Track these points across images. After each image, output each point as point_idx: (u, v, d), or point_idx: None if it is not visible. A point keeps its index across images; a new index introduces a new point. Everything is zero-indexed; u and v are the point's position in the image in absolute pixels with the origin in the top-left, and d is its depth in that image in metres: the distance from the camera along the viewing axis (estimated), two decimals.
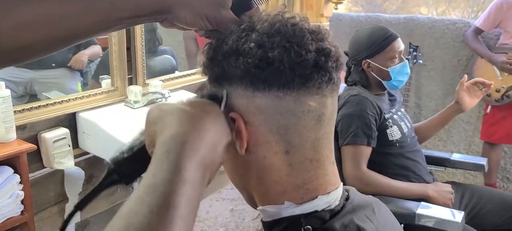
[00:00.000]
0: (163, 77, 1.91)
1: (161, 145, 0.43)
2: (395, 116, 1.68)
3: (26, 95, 1.61)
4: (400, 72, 1.66)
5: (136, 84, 1.79)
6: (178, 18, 0.57)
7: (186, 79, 2.05)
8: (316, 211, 0.55)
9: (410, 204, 1.48)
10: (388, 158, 1.64)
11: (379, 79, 1.67)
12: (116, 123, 1.60)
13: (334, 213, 0.56)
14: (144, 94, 1.75)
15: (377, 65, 1.64)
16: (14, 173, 1.29)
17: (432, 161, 1.83)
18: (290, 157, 0.55)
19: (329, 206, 0.56)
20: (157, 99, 1.76)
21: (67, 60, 1.74)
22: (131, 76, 1.79)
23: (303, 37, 0.53)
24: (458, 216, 1.41)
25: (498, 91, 2.47)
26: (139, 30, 1.76)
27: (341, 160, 1.61)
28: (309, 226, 0.54)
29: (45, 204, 1.60)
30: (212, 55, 0.56)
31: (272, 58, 0.51)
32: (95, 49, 1.89)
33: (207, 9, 0.57)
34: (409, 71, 1.71)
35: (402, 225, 1.49)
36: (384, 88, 1.70)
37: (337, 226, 0.55)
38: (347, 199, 0.60)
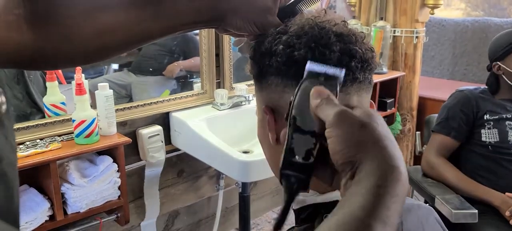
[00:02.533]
0: (248, 82, 2.03)
1: (372, 176, 0.39)
2: (507, 122, 1.62)
3: (127, 96, 1.83)
4: None
5: (224, 88, 1.92)
6: (230, 25, 0.64)
7: None
8: (337, 201, 0.58)
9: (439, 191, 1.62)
10: (475, 157, 1.67)
11: (510, 83, 1.66)
12: (203, 123, 1.74)
13: None
14: (229, 97, 1.87)
15: (506, 68, 1.62)
16: (113, 162, 1.49)
17: None
18: None
19: None
20: (241, 102, 1.87)
21: (163, 68, 1.93)
22: (219, 80, 1.93)
23: (328, 38, 0.57)
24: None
25: None
26: (227, 38, 1.89)
27: None
28: (328, 214, 0.58)
29: (141, 193, 1.80)
30: (253, 55, 0.63)
31: (298, 57, 0.57)
32: (195, 62, 1.96)
33: (255, 15, 0.64)
34: None
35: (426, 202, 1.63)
36: None
37: None
38: None
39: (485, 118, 1.65)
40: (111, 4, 0.60)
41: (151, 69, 1.90)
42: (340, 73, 0.47)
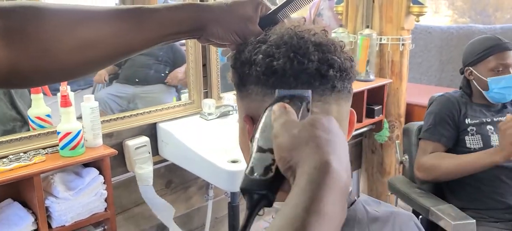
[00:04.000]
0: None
1: (304, 175, 0.41)
2: (488, 126, 1.62)
3: (129, 109, 1.83)
4: (502, 84, 1.61)
5: (211, 97, 1.92)
6: (212, 34, 0.65)
7: None
8: None
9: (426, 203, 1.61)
10: None
11: (479, 88, 1.66)
12: (190, 133, 1.73)
13: None
14: (217, 107, 1.87)
15: (477, 74, 1.63)
16: (99, 174, 1.48)
17: None
18: None
19: None
20: (229, 111, 1.87)
21: (164, 77, 1.94)
22: (206, 90, 1.92)
23: (307, 48, 0.57)
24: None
25: None
26: (214, 47, 1.89)
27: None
28: None
29: (129, 204, 1.79)
30: (234, 64, 0.63)
31: (277, 67, 0.57)
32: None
33: (236, 24, 0.64)
34: None
35: (421, 217, 1.63)
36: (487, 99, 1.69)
37: None
38: (352, 204, 0.61)
39: (466, 122, 1.64)
40: (91, 17, 0.59)
41: (137, 79, 1.91)
42: (307, 94, 0.51)
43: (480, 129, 1.64)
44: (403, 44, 2.44)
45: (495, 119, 1.66)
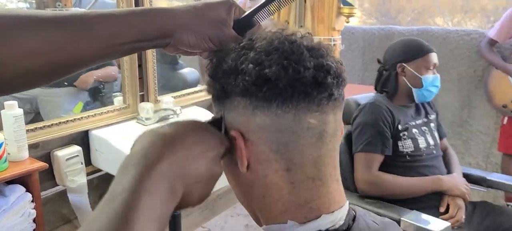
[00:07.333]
0: (174, 94, 1.92)
1: (124, 159, 0.46)
2: (414, 130, 1.67)
3: (32, 112, 1.64)
4: (432, 84, 1.68)
5: (148, 101, 1.80)
6: (181, 42, 0.56)
7: (198, 95, 2.05)
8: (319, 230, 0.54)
9: (397, 211, 1.54)
10: (397, 170, 1.63)
11: (410, 86, 1.68)
12: (127, 140, 1.60)
13: None
14: (156, 111, 1.76)
15: (411, 70, 1.68)
16: (26, 191, 1.30)
17: (469, 179, 1.74)
18: (291, 175, 0.54)
19: (333, 226, 0.54)
20: (168, 115, 1.76)
21: (74, 79, 1.77)
22: (143, 93, 1.80)
23: (301, 54, 0.52)
24: (440, 225, 1.43)
25: None
26: None
27: (354, 166, 1.66)
28: None
29: (59, 221, 1.61)
30: (213, 73, 0.56)
31: (270, 76, 0.50)
32: (109, 70, 1.90)
33: (209, 29, 0.56)
34: (439, 85, 1.72)
35: None
36: (412, 100, 1.71)
37: None
38: (353, 219, 0.58)
39: (399, 129, 1.64)
40: (29, 23, 0.49)
41: (66, 83, 1.73)
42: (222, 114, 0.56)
43: (410, 133, 1.66)
44: (334, 45, 2.50)
45: (417, 122, 1.71)
